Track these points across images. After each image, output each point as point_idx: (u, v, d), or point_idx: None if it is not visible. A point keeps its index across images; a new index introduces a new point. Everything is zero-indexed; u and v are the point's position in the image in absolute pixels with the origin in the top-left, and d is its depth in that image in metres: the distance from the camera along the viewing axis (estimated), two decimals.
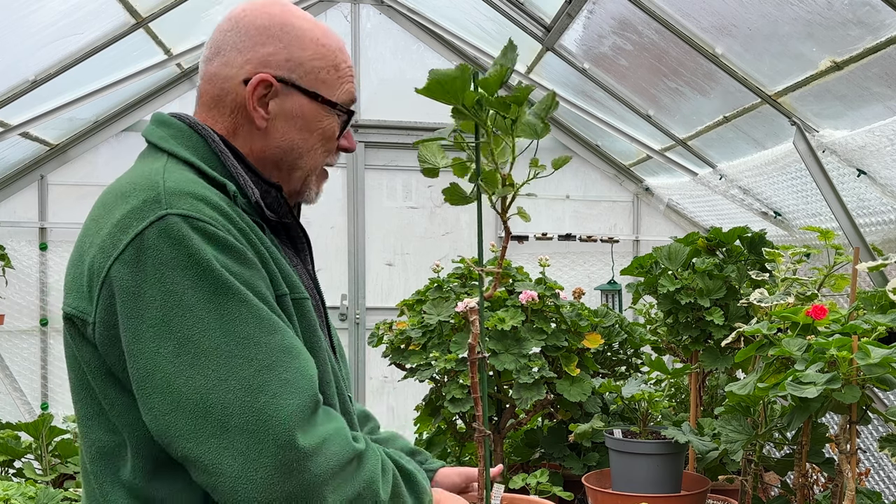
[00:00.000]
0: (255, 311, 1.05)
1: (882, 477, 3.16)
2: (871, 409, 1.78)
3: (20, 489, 2.54)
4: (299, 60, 1.22)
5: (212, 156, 1.18)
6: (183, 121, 1.21)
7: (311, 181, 1.29)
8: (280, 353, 1.05)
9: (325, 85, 1.24)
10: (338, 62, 1.26)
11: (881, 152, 2.55)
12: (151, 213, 1.04)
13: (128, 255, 1.03)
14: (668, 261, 2.57)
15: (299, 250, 1.31)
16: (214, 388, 1.00)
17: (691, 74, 3.11)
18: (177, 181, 1.09)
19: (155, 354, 1.01)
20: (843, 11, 2.16)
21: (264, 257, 1.12)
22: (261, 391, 1.01)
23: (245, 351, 1.02)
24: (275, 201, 1.23)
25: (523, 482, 2.72)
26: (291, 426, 1.01)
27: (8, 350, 4.34)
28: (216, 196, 1.10)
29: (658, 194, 4.81)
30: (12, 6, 2.95)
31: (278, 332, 1.06)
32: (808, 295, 2.13)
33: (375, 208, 4.73)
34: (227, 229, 1.07)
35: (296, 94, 1.22)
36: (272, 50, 1.21)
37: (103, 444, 1.11)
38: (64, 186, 4.40)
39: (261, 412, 1.00)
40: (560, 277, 4.55)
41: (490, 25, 4.06)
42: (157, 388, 1.02)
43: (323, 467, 1.04)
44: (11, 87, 3.42)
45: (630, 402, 2.61)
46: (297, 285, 1.18)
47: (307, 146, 1.25)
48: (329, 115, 1.25)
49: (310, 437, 1.03)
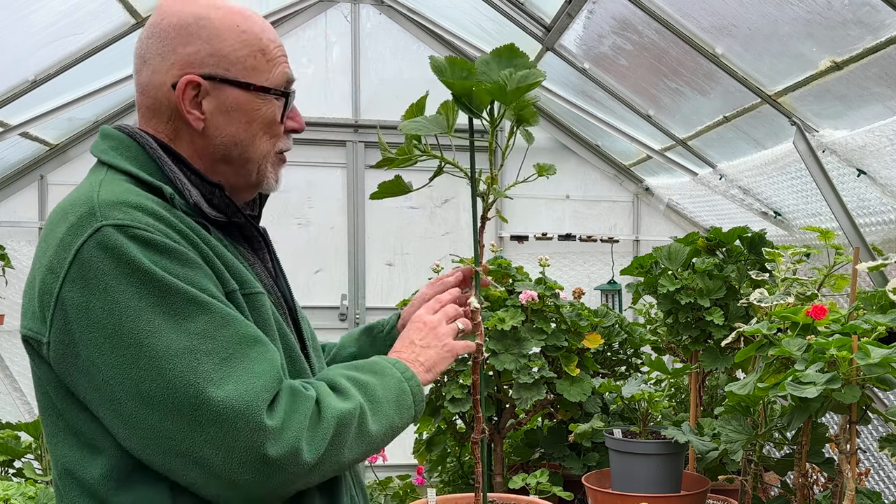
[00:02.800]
0: (204, 307, 1.06)
1: (882, 477, 3.16)
2: (871, 409, 1.78)
3: (20, 489, 2.54)
4: (222, 53, 1.20)
5: (150, 162, 1.19)
6: (123, 131, 1.22)
7: (267, 170, 1.27)
8: (236, 344, 1.07)
9: (256, 71, 1.22)
10: (263, 45, 1.23)
11: (881, 152, 2.54)
12: (88, 227, 1.06)
13: (73, 274, 1.05)
14: (668, 261, 2.57)
15: (256, 249, 1.30)
16: (180, 387, 1.02)
17: (691, 74, 3.11)
18: (111, 192, 1.10)
19: (117, 365, 1.03)
20: (843, 11, 2.16)
21: (208, 256, 1.13)
22: (225, 381, 1.03)
23: (202, 345, 1.04)
24: (220, 201, 1.23)
25: (523, 482, 2.72)
26: (258, 409, 1.03)
27: (8, 350, 4.34)
28: (152, 202, 1.11)
29: (658, 194, 4.81)
30: (12, 6, 2.95)
31: (231, 323, 1.08)
32: (808, 295, 2.13)
33: (375, 208, 4.73)
34: (164, 233, 1.08)
35: (227, 87, 1.21)
36: (194, 49, 1.19)
37: (69, 460, 1.12)
38: (64, 186, 4.40)
39: (225, 401, 1.02)
40: (560, 277, 4.55)
41: (490, 25, 4.06)
42: (126, 395, 1.03)
43: (293, 438, 1.06)
44: (11, 87, 3.42)
45: (630, 402, 2.61)
46: (248, 281, 1.18)
47: (250, 137, 1.23)
48: (266, 101, 1.23)
49: (275, 415, 1.05)
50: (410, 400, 1.24)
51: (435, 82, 1.34)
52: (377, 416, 1.18)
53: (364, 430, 1.15)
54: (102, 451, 1.09)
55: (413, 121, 1.33)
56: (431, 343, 1.33)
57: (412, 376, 1.26)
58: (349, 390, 1.17)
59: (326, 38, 4.71)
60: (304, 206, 4.63)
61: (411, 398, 1.24)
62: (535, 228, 4.86)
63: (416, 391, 1.25)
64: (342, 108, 4.72)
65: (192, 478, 1.05)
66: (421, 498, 2.57)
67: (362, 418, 1.15)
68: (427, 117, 1.34)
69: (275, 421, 1.05)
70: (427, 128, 1.32)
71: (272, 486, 1.06)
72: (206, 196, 1.21)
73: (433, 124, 1.32)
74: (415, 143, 1.35)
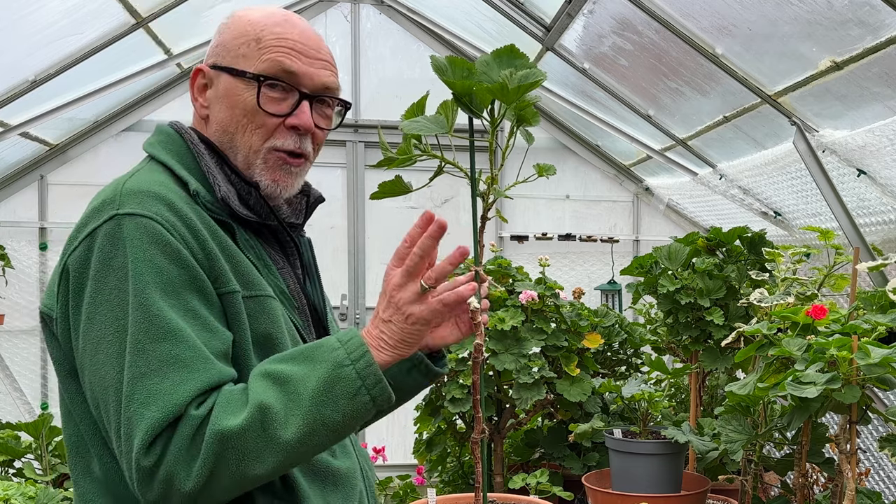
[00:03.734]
0: (151, 317, 1.04)
1: (882, 477, 3.16)
2: (871, 409, 1.78)
3: (20, 489, 2.54)
4: (226, 44, 1.24)
5: (189, 157, 1.21)
6: (173, 127, 1.26)
7: (257, 165, 1.23)
8: (160, 364, 1.03)
9: (244, 58, 1.22)
10: (261, 35, 1.22)
11: (881, 152, 2.54)
12: (106, 212, 1.09)
13: (79, 251, 1.09)
14: (668, 261, 2.57)
15: (288, 254, 1.30)
16: (110, 392, 1.05)
17: (691, 74, 3.11)
18: (137, 181, 1.13)
19: (83, 352, 1.08)
20: (843, 11, 2.16)
21: (213, 254, 1.12)
22: (131, 399, 1.03)
23: (130, 357, 1.04)
24: (256, 202, 1.23)
25: (523, 482, 2.72)
26: (143, 442, 1.02)
27: (8, 350, 4.34)
28: (173, 194, 1.13)
29: (658, 194, 4.81)
30: (12, 6, 2.95)
31: (168, 340, 1.04)
32: (808, 295, 2.13)
33: (375, 208, 4.73)
34: (170, 224, 1.09)
35: (222, 75, 1.23)
36: (213, 43, 1.26)
37: (74, 440, 1.16)
38: (64, 186, 4.40)
39: (129, 420, 1.03)
40: (560, 277, 4.55)
41: (490, 25, 4.06)
42: (84, 380, 1.09)
43: (164, 473, 1.02)
44: (11, 87, 3.42)
45: (630, 402, 2.61)
46: (257, 284, 1.16)
47: (234, 124, 1.23)
48: (248, 87, 1.21)
49: (153, 452, 1.02)
50: (354, 387, 1.07)
51: (435, 82, 1.34)
52: (292, 417, 1.04)
53: (271, 436, 1.04)
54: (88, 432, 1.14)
55: (413, 121, 1.33)
56: (392, 316, 1.13)
57: (359, 358, 1.08)
58: (251, 394, 1.05)
59: (326, 38, 4.71)
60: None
61: (356, 385, 1.07)
62: (535, 228, 4.86)
63: (366, 373, 1.08)
64: None
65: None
66: (421, 498, 2.57)
67: (265, 425, 1.03)
68: (427, 117, 1.34)
69: (149, 460, 1.02)
70: (427, 128, 1.32)
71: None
72: (241, 196, 1.22)
73: (433, 124, 1.32)
74: (415, 143, 1.35)
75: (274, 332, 1.17)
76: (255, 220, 1.22)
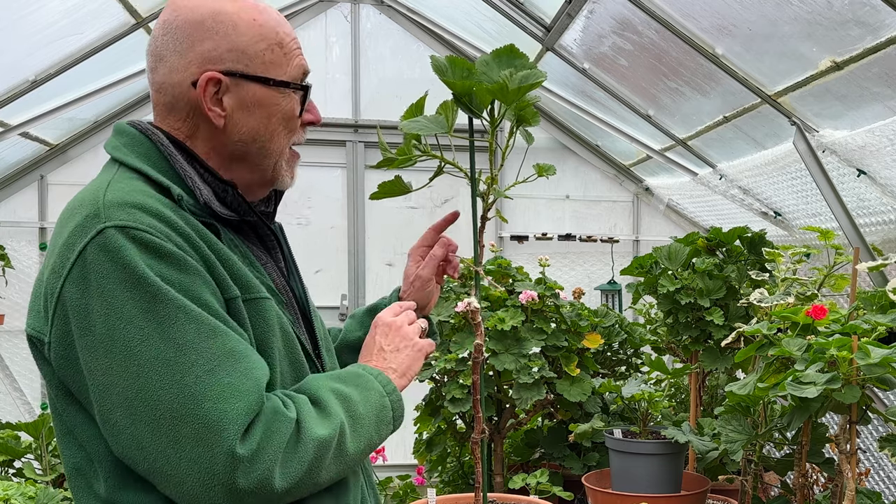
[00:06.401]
0: (193, 317, 1.04)
1: (882, 477, 3.16)
2: (871, 409, 1.78)
3: (20, 489, 2.54)
4: (241, 48, 1.18)
5: (161, 160, 1.17)
6: (136, 128, 1.20)
7: (282, 166, 1.25)
8: (221, 358, 1.04)
9: (274, 66, 1.20)
10: (280, 38, 1.21)
11: (881, 152, 2.54)
12: (92, 228, 1.04)
13: (75, 274, 1.04)
14: (668, 261, 2.57)
15: (269, 247, 1.29)
16: (162, 399, 1.00)
17: (691, 74, 3.11)
18: (117, 192, 1.08)
19: (108, 370, 1.02)
20: (843, 11, 2.16)
21: (210, 261, 1.10)
22: (204, 397, 1.01)
23: (185, 357, 1.02)
24: (233, 199, 1.21)
25: (523, 482, 2.72)
26: (232, 435, 1.00)
27: (8, 350, 4.34)
28: (158, 202, 1.09)
29: (658, 194, 4.81)
30: (12, 6, 2.95)
31: (219, 336, 1.05)
32: (808, 295, 2.13)
33: (375, 208, 4.73)
34: (165, 235, 1.06)
35: (246, 83, 1.18)
36: (212, 45, 1.17)
37: (75, 461, 1.12)
38: (64, 186, 4.40)
39: (205, 419, 1.00)
40: (560, 277, 4.55)
41: (490, 25, 4.06)
42: (115, 402, 1.02)
43: (264, 468, 1.02)
44: (11, 87, 3.42)
45: (630, 402, 2.61)
46: (252, 286, 1.15)
47: (269, 132, 1.21)
48: (285, 96, 1.21)
49: (249, 442, 1.02)
50: (390, 416, 1.21)
51: (435, 82, 1.34)
52: (357, 435, 1.15)
53: (343, 450, 1.12)
54: (99, 455, 1.09)
55: (413, 121, 1.33)
56: (400, 346, 1.29)
57: (393, 390, 1.23)
58: (331, 408, 1.13)
59: (326, 38, 4.72)
60: (303, 206, 4.63)
61: (391, 413, 1.21)
62: (535, 228, 4.86)
63: (396, 406, 1.22)
64: (342, 108, 4.73)
65: (168, 493, 1.04)
66: (421, 498, 2.57)
67: (342, 438, 1.12)
68: (427, 117, 1.34)
69: (247, 449, 1.01)
70: (427, 128, 1.32)
71: None
72: (218, 194, 1.20)
73: (433, 124, 1.32)
74: (415, 143, 1.35)
75: (269, 333, 1.16)
76: (236, 218, 1.21)
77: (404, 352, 1.29)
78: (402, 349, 1.29)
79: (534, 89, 1.28)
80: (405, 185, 1.40)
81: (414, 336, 1.31)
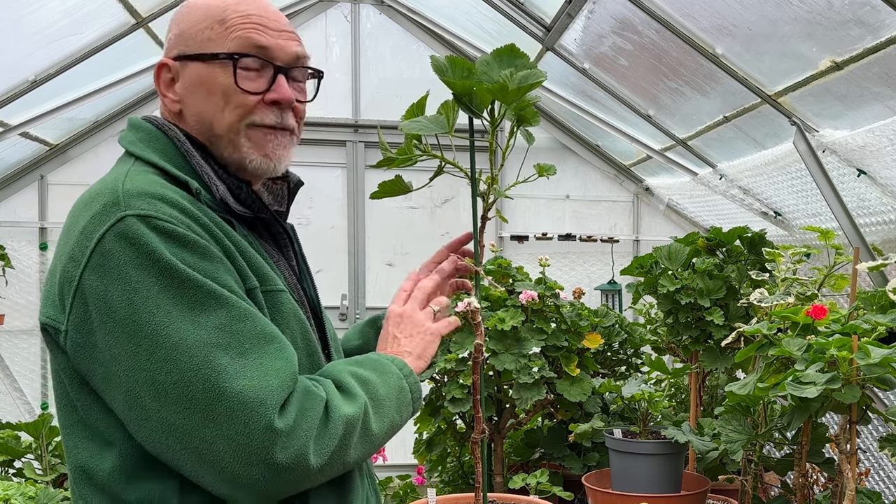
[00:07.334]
0: (223, 301, 1.04)
1: (882, 477, 3.16)
2: (871, 409, 1.78)
3: (20, 489, 2.54)
4: (186, 32, 1.21)
5: (178, 155, 1.18)
6: (152, 123, 1.21)
7: (241, 144, 1.21)
8: (253, 340, 1.05)
9: (212, 42, 1.19)
10: (225, 16, 1.20)
11: (881, 152, 2.55)
12: (111, 216, 1.05)
13: (94, 262, 1.04)
14: (668, 261, 2.57)
15: (281, 246, 1.29)
16: (194, 380, 1.01)
17: (691, 74, 3.11)
18: (136, 183, 1.09)
19: (132, 355, 1.02)
20: (843, 11, 2.16)
21: (230, 252, 1.11)
22: (239, 376, 1.01)
23: (219, 339, 1.02)
24: (248, 196, 1.22)
25: (523, 482, 2.72)
26: (270, 410, 1.02)
27: (8, 350, 4.34)
28: (177, 194, 1.10)
29: (658, 194, 4.81)
30: (12, 6, 2.95)
31: (249, 318, 1.06)
32: (808, 295, 2.13)
33: (375, 208, 4.73)
34: (186, 225, 1.07)
35: (190, 64, 1.20)
36: (171, 35, 1.23)
37: (81, 451, 1.12)
38: (64, 186, 4.40)
39: (242, 396, 1.01)
40: (560, 277, 4.55)
41: (490, 25, 4.06)
42: (142, 386, 1.02)
43: (301, 442, 1.04)
44: (11, 87, 3.42)
45: (630, 402, 2.61)
46: (269, 278, 1.17)
47: (213, 110, 1.20)
48: (223, 69, 1.19)
49: (286, 417, 1.04)
50: (409, 397, 1.24)
51: (435, 82, 1.34)
52: (379, 415, 1.17)
53: (368, 429, 1.15)
54: (114, 445, 1.09)
55: (413, 121, 1.33)
56: (413, 332, 1.32)
57: (410, 373, 1.25)
58: (354, 389, 1.15)
59: (326, 38, 4.72)
60: (303, 206, 4.63)
61: (410, 395, 1.24)
62: (535, 228, 4.86)
63: (415, 388, 1.25)
64: (342, 108, 4.73)
65: (201, 474, 1.04)
66: (421, 498, 2.57)
67: (366, 418, 1.14)
68: (427, 117, 1.34)
69: (284, 423, 1.03)
70: (427, 128, 1.32)
71: (278, 488, 1.05)
72: (233, 191, 1.20)
73: (433, 124, 1.32)
74: (415, 143, 1.35)
75: (286, 327, 1.17)
76: (250, 214, 1.22)
77: (417, 337, 1.31)
78: (415, 335, 1.31)
79: (534, 89, 1.28)
80: (405, 184, 1.40)
81: (426, 321, 1.33)
